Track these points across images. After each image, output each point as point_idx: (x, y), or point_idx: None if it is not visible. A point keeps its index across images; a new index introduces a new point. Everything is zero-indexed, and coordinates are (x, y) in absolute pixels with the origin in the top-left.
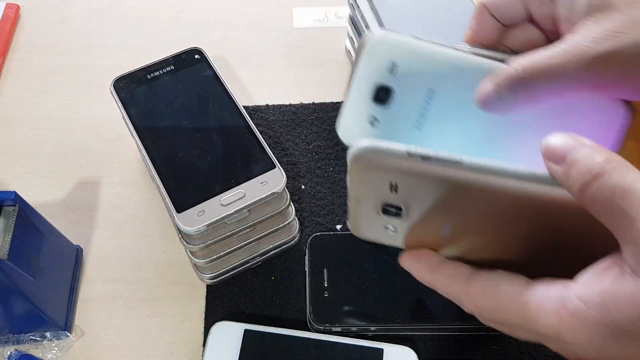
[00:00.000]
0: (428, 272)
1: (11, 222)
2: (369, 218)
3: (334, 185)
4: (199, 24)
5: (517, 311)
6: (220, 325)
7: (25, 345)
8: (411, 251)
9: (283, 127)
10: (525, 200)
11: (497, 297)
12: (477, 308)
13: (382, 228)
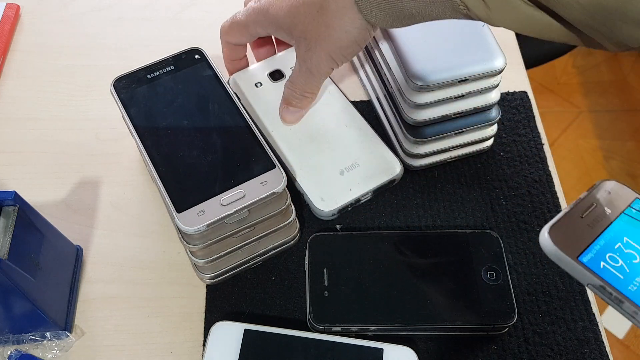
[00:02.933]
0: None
1: (11, 222)
2: None
3: None
4: (199, 23)
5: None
6: (220, 325)
7: (26, 345)
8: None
9: None
10: None
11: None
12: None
13: None
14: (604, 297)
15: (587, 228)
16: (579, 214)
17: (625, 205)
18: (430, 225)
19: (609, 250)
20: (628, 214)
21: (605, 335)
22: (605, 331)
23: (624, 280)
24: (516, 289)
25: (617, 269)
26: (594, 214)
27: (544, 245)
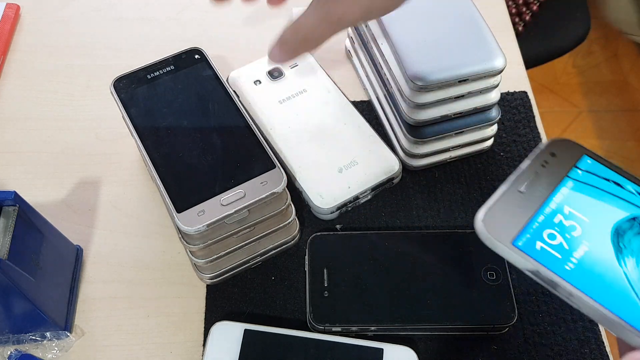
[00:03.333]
0: None
1: (11, 222)
2: None
3: None
4: (199, 23)
5: None
6: (220, 325)
7: (26, 345)
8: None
9: None
10: None
11: None
12: None
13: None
14: (540, 281)
15: (525, 204)
16: (517, 188)
17: (569, 167)
18: (430, 225)
19: (547, 226)
20: (572, 176)
21: (605, 335)
22: (605, 331)
23: (561, 259)
24: (516, 289)
25: (554, 248)
26: (535, 185)
27: (478, 232)
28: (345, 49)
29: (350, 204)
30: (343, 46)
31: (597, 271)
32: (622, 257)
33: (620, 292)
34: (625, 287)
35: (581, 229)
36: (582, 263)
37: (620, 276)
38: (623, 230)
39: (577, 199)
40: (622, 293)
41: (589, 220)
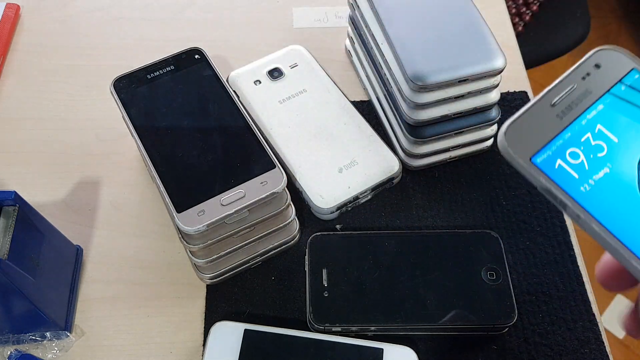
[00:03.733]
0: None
1: (11, 222)
2: None
3: None
4: (199, 23)
5: None
6: (220, 325)
7: (26, 345)
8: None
9: None
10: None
11: None
12: None
13: None
14: (551, 199)
15: (555, 118)
16: (550, 101)
17: (614, 81)
18: (430, 225)
19: (572, 145)
20: (615, 92)
21: (605, 336)
22: (606, 331)
23: (578, 180)
24: (516, 289)
25: (574, 167)
26: (570, 99)
27: (499, 145)
28: (345, 49)
29: (350, 204)
30: (343, 46)
31: (613, 196)
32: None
33: (634, 222)
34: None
35: (607, 150)
36: (599, 186)
37: (637, 205)
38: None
39: (613, 117)
40: (636, 222)
41: (618, 141)
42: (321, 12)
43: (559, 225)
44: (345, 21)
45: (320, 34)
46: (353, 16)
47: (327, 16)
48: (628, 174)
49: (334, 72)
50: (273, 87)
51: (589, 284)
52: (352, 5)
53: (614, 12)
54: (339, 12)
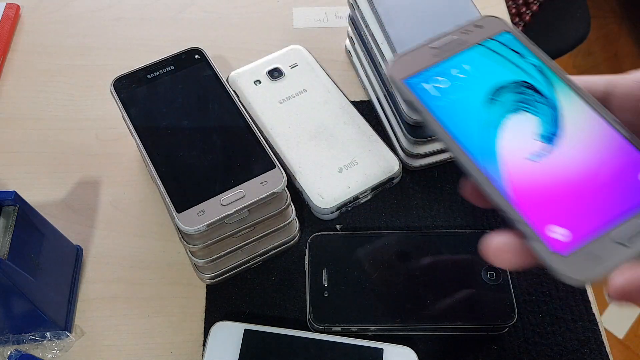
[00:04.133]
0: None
1: (11, 222)
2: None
3: None
4: (198, 23)
5: None
6: (220, 325)
7: (26, 345)
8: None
9: None
10: None
11: None
12: None
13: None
14: (417, 110)
15: (431, 56)
16: (432, 45)
17: (486, 37)
18: (430, 225)
19: (440, 75)
20: (484, 44)
21: (605, 336)
22: (606, 331)
23: (438, 97)
24: (516, 289)
25: (438, 89)
26: (448, 44)
27: (386, 71)
28: (345, 49)
29: (350, 204)
30: (343, 46)
31: (463, 113)
32: (490, 104)
33: (471, 132)
34: (480, 130)
35: (469, 81)
36: (453, 103)
37: (478, 121)
38: (504, 88)
39: (479, 61)
40: (472, 132)
41: (476, 76)
42: (321, 12)
43: None
44: (345, 21)
45: (320, 34)
46: (353, 16)
47: (327, 16)
48: (479, 97)
49: (334, 72)
50: (273, 87)
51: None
52: (352, 5)
53: (614, 12)
54: (339, 12)
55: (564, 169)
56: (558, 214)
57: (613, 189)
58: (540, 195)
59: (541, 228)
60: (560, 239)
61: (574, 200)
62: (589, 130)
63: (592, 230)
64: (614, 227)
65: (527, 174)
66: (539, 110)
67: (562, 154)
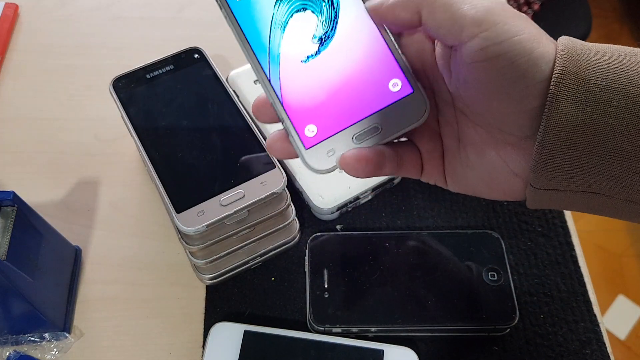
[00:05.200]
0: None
1: (10, 222)
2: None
3: None
4: (198, 23)
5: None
6: (220, 326)
7: (24, 346)
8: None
9: None
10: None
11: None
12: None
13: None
14: (217, 4)
15: None
16: None
17: None
18: (430, 225)
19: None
20: None
21: (606, 336)
22: (607, 332)
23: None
24: (517, 290)
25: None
26: None
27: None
28: None
29: (350, 204)
30: None
31: (256, 9)
32: (280, 2)
33: (262, 30)
34: (267, 27)
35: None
36: (249, 2)
37: (268, 17)
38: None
39: None
40: (263, 30)
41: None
42: None
43: (560, 225)
44: None
45: None
46: None
47: None
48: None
49: None
50: None
51: (590, 284)
52: None
53: (615, 11)
54: None
55: (325, 71)
56: (310, 113)
57: (361, 93)
58: (301, 95)
59: (298, 124)
60: (307, 134)
61: (325, 101)
62: (358, 36)
63: (334, 128)
64: (352, 125)
65: (296, 76)
66: (321, 10)
67: (328, 56)
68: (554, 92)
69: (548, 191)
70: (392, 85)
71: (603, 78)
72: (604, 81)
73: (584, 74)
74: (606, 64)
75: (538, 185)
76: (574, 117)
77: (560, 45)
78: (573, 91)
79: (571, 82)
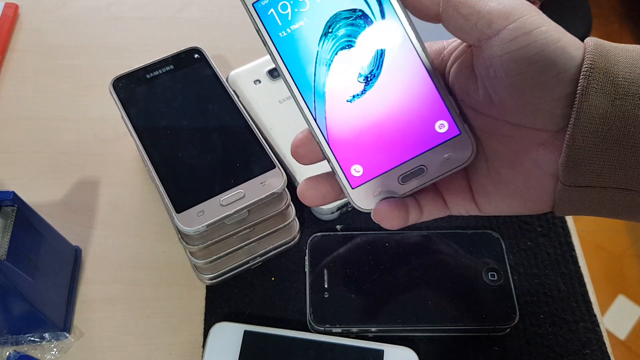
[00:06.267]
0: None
1: (10, 222)
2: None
3: None
4: (198, 23)
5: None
6: (220, 326)
7: (24, 346)
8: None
9: None
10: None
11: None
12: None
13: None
14: (261, 41)
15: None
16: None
17: None
18: (430, 225)
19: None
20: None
21: (606, 337)
22: (607, 332)
23: (280, 26)
24: (517, 290)
25: (280, 16)
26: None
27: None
28: None
29: (350, 205)
30: None
31: (301, 45)
32: (325, 38)
33: (307, 67)
34: (312, 64)
35: (309, 8)
36: (293, 35)
37: (313, 54)
38: (341, 18)
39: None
40: (308, 68)
41: (320, 1)
42: None
43: (560, 225)
44: None
45: None
46: None
47: None
48: (316, 29)
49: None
50: (273, 87)
51: (590, 284)
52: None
53: (615, 11)
54: None
55: (371, 111)
56: (356, 153)
57: (407, 133)
58: (347, 134)
59: (344, 164)
60: (354, 174)
61: (371, 141)
62: (404, 74)
63: (380, 168)
64: (398, 166)
65: (342, 115)
66: (366, 47)
67: (374, 96)
68: (583, 85)
69: (579, 189)
70: (439, 126)
71: (631, 72)
72: (632, 75)
73: (613, 69)
74: (633, 60)
75: (569, 182)
76: (604, 110)
77: (589, 41)
78: (602, 85)
79: (600, 75)
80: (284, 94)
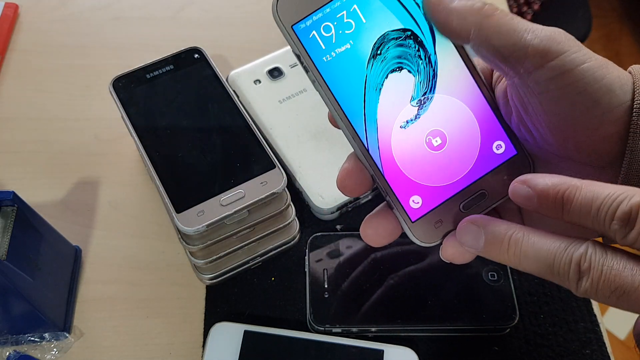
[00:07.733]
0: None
1: (10, 222)
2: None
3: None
4: (198, 23)
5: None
6: (220, 326)
7: (24, 346)
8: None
9: None
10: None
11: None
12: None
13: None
14: (301, 66)
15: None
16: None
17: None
18: None
19: (328, 19)
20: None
21: (606, 337)
22: (607, 332)
23: (324, 50)
24: (517, 290)
25: (323, 39)
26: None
27: (273, 15)
28: None
29: (350, 204)
30: None
31: (348, 69)
32: (373, 61)
33: (355, 92)
34: (361, 89)
35: (355, 29)
36: (339, 58)
37: (362, 79)
38: (389, 39)
39: (368, 2)
40: (355, 92)
41: (366, 21)
42: None
43: None
44: None
45: None
46: None
47: None
48: (364, 51)
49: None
50: (273, 87)
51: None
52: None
53: (615, 11)
54: None
55: (426, 136)
56: (414, 183)
57: (464, 158)
58: (403, 163)
59: (402, 196)
60: (412, 206)
61: (428, 169)
62: (458, 96)
63: (440, 197)
64: (457, 193)
65: (396, 143)
66: (418, 69)
67: (428, 120)
68: (637, 123)
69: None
70: (496, 147)
71: None
72: None
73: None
74: None
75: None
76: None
77: (638, 74)
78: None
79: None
80: (284, 94)
